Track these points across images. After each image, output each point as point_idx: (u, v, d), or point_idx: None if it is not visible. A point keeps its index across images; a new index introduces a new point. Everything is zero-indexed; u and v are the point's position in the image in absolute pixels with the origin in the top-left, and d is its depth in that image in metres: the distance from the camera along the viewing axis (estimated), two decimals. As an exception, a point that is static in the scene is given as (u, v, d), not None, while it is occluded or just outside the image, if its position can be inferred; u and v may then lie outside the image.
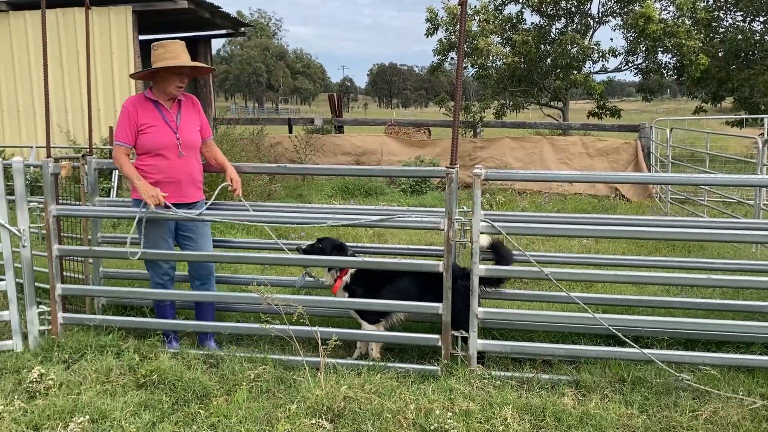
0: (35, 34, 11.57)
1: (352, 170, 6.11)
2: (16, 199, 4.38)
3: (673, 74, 19.70)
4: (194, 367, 4.06)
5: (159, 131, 4.39)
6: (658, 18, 16.64)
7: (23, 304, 4.49)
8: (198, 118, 4.65)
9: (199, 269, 4.69)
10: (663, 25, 16.64)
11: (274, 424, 3.43)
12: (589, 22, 19.17)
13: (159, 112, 4.43)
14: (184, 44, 4.51)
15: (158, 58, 4.38)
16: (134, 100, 4.45)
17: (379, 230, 8.00)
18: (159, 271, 4.61)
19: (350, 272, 4.45)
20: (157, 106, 4.44)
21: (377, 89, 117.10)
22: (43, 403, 3.61)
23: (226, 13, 13.86)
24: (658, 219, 4.75)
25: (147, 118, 4.39)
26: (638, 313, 4.62)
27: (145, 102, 4.44)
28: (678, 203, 10.49)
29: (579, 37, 17.75)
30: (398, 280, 4.41)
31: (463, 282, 4.10)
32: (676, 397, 3.71)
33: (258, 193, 10.78)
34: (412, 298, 4.27)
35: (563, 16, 18.97)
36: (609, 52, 18.40)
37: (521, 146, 13.39)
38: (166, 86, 4.43)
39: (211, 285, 4.76)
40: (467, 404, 3.56)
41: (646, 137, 12.63)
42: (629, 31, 18.07)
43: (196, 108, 4.69)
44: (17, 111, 11.84)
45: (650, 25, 16.33)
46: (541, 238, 7.66)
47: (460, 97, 4.14)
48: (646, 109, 57.55)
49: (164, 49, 4.40)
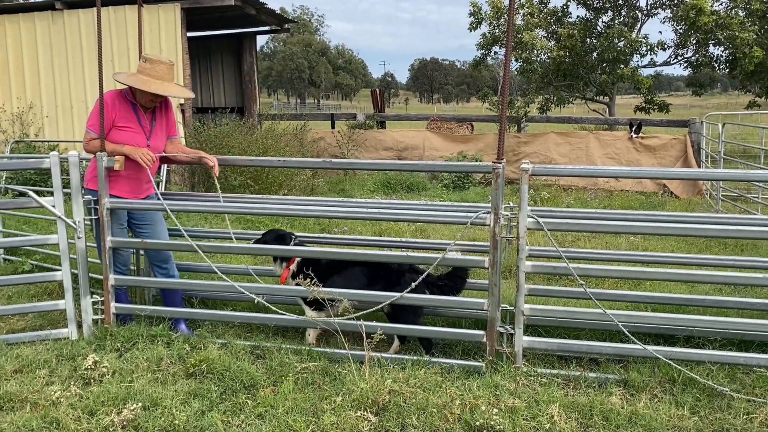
0: (88, 31, 11.89)
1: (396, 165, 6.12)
2: (71, 192, 4.52)
3: (725, 67, 19.06)
4: (241, 358, 4.14)
5: (133, 133, 4.57)
6: (710, 9, 16.12)
7: (78, 293, 4.64)
8: (167, 119, 4.84)
9: (157, 255, 4.87)
10: (715, 17, 16.11)
11: (320, 415, 3.47)
12: (637, 15, 18.71)
13: (135, 114, 4.61)
14: (172, 65, 4.66)
15: (140, 75, 4.53)
16: (114, 96, 4.59)
17: (421, 225, 8.00)
18: (119, 260, 4.75)
19: (296, 261, 4.58)
20: (133, 107, 4.62)
21: (418, 84, 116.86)
22: (97, 390, 3.72)
23: (272, 9, 14.00)
24: (710, 216, 4.63)
25: (123, 116, 4.56)
26: (689, 313, 4.52)
27: (123, 100, 4.60)
28: (730, 200, 10.18)
29: (626, 30, 17.35)
30: (347, 269, 4.52)
31: (411, 275, 4.29)
32: (729, 399, 3.61)
33: (301, 188, 10.89)
34: (362, 287, 4.38)
35: (610, 8, 18.54)
36: (658, 46, 17.92)
37: (566, 141, 13.18)
38: (141, 98, 4.61)
39: (172, 269, 4.94)
40: (513, 401, 3.54)
41: (696, 132, 12.29)
42: (679, 24, 17.56)
43: (168, 115, 4.87)
44: (70, 107, 12.19)
45: (702, 17, 15.84)
46: (587, 235, 7.55)
47: (507, 91, 4.10)
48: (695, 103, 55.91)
49: (151, 65, 4.54)
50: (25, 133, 12.14)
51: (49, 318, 5.12)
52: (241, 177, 9.89)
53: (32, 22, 12.17)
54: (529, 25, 17.45)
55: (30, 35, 12.21)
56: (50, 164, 4.44)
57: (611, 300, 4.39)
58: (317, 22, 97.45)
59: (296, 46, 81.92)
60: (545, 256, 4.68)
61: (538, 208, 4.40)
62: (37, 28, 12.17)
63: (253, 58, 15.98)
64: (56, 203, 4.46)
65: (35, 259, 6.51)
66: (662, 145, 12.47)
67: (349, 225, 8.11)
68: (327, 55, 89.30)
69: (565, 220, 4.22)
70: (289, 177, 10.65)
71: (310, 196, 9.34)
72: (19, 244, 6.32)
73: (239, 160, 6.16)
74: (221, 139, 10.70)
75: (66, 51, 12.10)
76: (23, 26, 12.21)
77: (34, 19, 12.17)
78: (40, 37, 12.17)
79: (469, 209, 4.43)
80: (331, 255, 4.67)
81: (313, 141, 14.18)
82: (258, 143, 10.91)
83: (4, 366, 4.08)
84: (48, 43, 12.16)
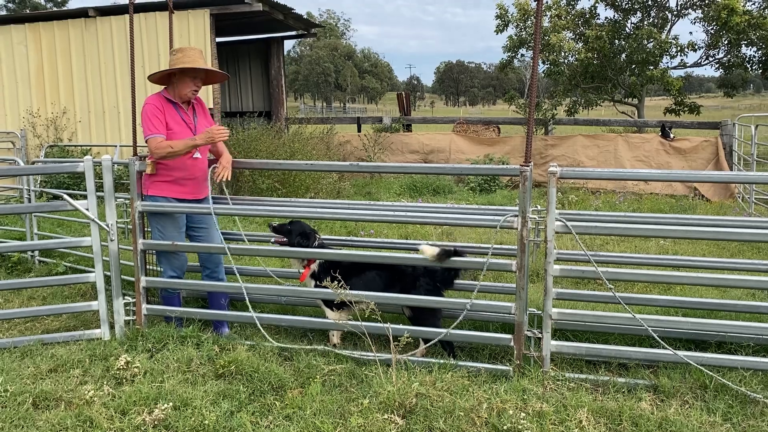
0: (120, 38, 12.13)
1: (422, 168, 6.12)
2: (105, 195, 4.62)
3: (758, 68, 18.70)
4: (270, 360, 4.18)
5: (181, 133, 4.61)
6: (742, 9, 15.84)
7: (110, 295, 4.74)
8: (207, 119, 4.90)
9: (209, 258, 4.92)
10: (748, 17, 15.83)
11: (348, 417, 3.49)
12: (666, 16, 18.47)
13: (179, 113, 4.66)
14: (201, 51, 4.73)
15: (176, 62, 4.59)
16: (156, 99, 4.64)
17: (447, 228, 7.99)
18: (175, 263, 4.81)
19: (318, 262, 4.60)
20: (176, 107, 4.67)
21: (444, 87, 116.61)
22: (129, 390, 3.79)
23: (299, 14, 14.11)
24: (743, 220, 4.54)
25: (170, 117, 4.61)
26: (721, 318, 4.44)
27: (166, 102, 4.65)
28: (763, 203, 9.98)
29: (656, 32, 17.13)
30: (366, 272, 4.55)
31: (425, 279, 4.35)
32: (763, 406, 3.54)
33: (328, 191, 10.96)
34: (380, 289, 4.41)
35: (639, 9, 18.34)
36: (688, 47, 17.65)
37: (594, 144, 13.06)
38: (181, 89, 4.64)
39: (220, 272, 4.99)
40: (540, 405, 3.52)
41: (728, 134, 12.08)
42: (710, 24, 17.29)
43: (205, 110, 4.94)
44: (102, 112, 12.44)
45: (734, 17, 15.57)
46: (616, 238, 7.46)
47: (535, 93, 4.08)
48: (727, 105, 54.86)
49: (182, 53, 4.60)
50: (59, 137, 12.41)
51: (83, 319, 5.23)
52: (269, 180, 9.99)
53: (66, 29, 12.45)
54: (557, 27, 17.34)
55: (64, 42, 12.49)
56: (84, 168, 4.54)
57: (641, 304, 4.34)
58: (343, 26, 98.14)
59: (322, 50, 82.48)
60: (573, 259, 4.64)
61: (566, 212, 4.37)
62: (70, 35, 12.45)
63: (281, 63, 16.13)
64: (90, 206, 4.56)
65: (69, 261, 6.66)
66: (693, 148, 12.27)
67: (376, 228, 8.14)
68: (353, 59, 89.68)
69: (594, 224, 4.18)
70: (315, 180, 10.73)
71: (336, 199, 9.39)
72: (53, 246, 6.47)
73: (267, 164, 6.24)
74: (249, 143, 10.82)
75: (98, 57, 12.35)
76: (57, 33, 12.49)
77: (68, 26, 12.45)
78: (73, 43, 12.45)
79: (496, 212, 4.42)
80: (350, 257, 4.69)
81: (340, 144, 14.26)
82: (285, 147, 11.01)
83: (39, 365, 4.19)
84: (81, 50, 12.43)
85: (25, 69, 12.62)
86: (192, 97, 4.72)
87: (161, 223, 4.70)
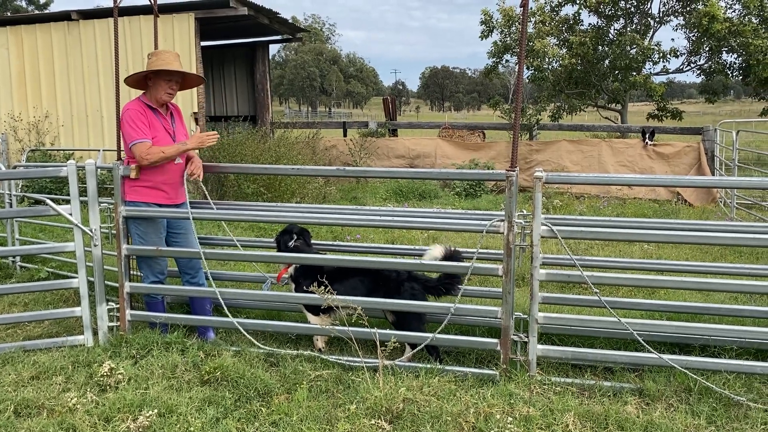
0: (103, 41, 12.03)
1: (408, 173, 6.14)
2: (88, 200, 4.57)
3: (738, 75, 18.94)
4: (255, 365, 4.15)
5: (163, 139, 4.61)
6: (723, 17, 16.05)
7: (94, 300, 4.68)
8: (183, 125, 4.93)
9: (188, 263, 4.91)
10: (728, 24, 16.04)
11: (334, 423, 3.47)
12: (649, 22, 18.65)
13: (158, 119, 4.66)
14: (178, 54, 4.74)
15: (150, 65, 4.59)
16: (136, 104, 4.63)
17: (433, 233, 8.00)
18: (156, 269, 4.80)
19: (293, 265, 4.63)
20: (155, 113, 4.66)
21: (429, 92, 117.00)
22: (113, 397, 3.75)
23: (284, 19, 14.11)
24: (725, 224, 4.60)
25: (151, 123, 4.60)
26: (704, 322, 4.49)
27: (146, 108, 4.64)
28: (745, 208, 10.11)
29: (639, 38, 17.30)
30: (349, 276, 4.52)
31: (410, 284, 4.36)
32: (746, 409, 3.57)
33: (313, 196, 10.93)
34: (361, 294, 4.39)
35: (622, 16, 18.51)
36: (670, 53, 17.85)
37: (578, 149, 13.15)
38: (157, 92, 4.64)
39: (200, 278, 4.96)
40: (527, 409, 3.53)
41: (710, 140, 12.23)
42: (692, 31, 17.50)
43: (181, 116, 4.97)
44: (86, 116, 12.33)
45: (715, 24, 15.77)
46: (600, 243, 7.52)
47: (520, 99, 4.11)
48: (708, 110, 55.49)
49: (157, 57, 4.61)
50: (41, 141, 12.28)
51: (65, 325, 5.17)
52: (254, 185, 9.94)
53: (48, 32, 12.34)
54: (541, 33, 17.45)
55: (46, 45, 12.37)
56: (67, 173, 4.49)
57: (626, 308, 4.37)
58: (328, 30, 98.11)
59: (308, 54, 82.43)
60: (559, 264, 4.67)
61: (551, 216, 4.39)
62: (53, 38, 12.34)
63: (266, 67, 16.10)
64: (73, 211, 4.51)
65: (51, 267, 6.58)
66: (676, 153, 12.41)
67: (362, 233, 8.13)
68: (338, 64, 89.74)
69: (579, 228, 4.21)
70: (301, 185, 10.71)
71: (322, 204, 9.37)
72: (36, 252, 6.37)
73: (253, 168, 6.21)
74: (234, 147, 10.77)
75: (81, 61, 12.25)
76: (40, 36, 12.37)
77: (50, 29, 12.34)
78: (56, 46, 12.34)
79: (482, 217, 4.43)
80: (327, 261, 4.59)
81: (326, 149, 14.24)
82: (271, 151, 10.98)
83: (21, 372, 4.13)
84: (64, 53, 12.32)
85: (6, 72, 12.48)
86: (168, 100, 4.71)
87: (142, 229, 4.67)
